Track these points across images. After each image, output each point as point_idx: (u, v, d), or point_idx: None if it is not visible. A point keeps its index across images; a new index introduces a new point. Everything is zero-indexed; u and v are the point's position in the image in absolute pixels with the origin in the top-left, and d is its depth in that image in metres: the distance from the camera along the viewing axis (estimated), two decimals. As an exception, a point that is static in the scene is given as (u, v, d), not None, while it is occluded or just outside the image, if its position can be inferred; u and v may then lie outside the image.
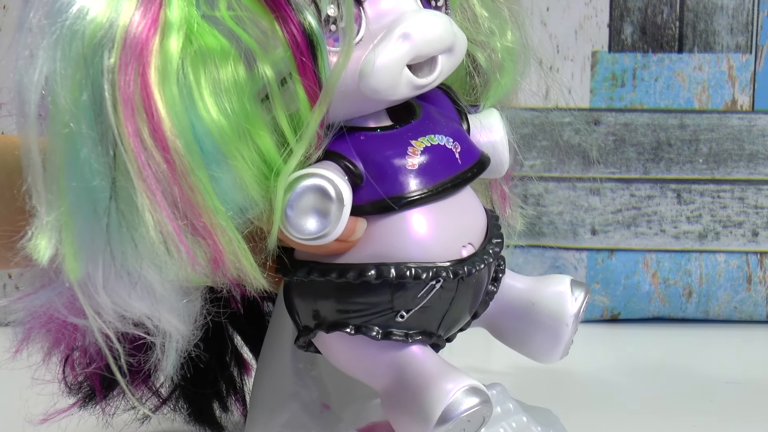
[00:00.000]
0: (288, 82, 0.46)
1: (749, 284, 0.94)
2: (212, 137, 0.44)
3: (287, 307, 0.52)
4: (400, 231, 0.49)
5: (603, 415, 0.75)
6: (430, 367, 0.50)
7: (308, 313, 0.51)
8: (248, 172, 0.45)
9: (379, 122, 0.51)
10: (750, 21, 0.91)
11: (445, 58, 0.49)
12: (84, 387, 0.62)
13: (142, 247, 0.44)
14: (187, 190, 0.44)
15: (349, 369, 0.52)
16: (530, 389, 0.59)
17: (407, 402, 0.49)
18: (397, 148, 0.50)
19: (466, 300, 0.52)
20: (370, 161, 0.49)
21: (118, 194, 0.44)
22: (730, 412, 0.77)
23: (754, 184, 0.93)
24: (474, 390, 0.48)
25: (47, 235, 0.44)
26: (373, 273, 0.49)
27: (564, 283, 0.56)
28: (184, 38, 0.44)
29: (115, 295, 0.46)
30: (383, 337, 0.50)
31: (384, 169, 0.49)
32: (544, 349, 0.56)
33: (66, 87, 0.43)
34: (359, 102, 0.48)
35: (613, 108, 0.93)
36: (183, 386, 0.64)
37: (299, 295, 0.51)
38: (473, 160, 0.52)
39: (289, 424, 0.55)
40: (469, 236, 0.52)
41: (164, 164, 0.43)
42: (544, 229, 0.94)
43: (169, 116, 0.43)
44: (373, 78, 0.47)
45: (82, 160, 0.43)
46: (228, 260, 0.46)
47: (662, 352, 0.89)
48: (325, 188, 0.47)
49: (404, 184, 0.49)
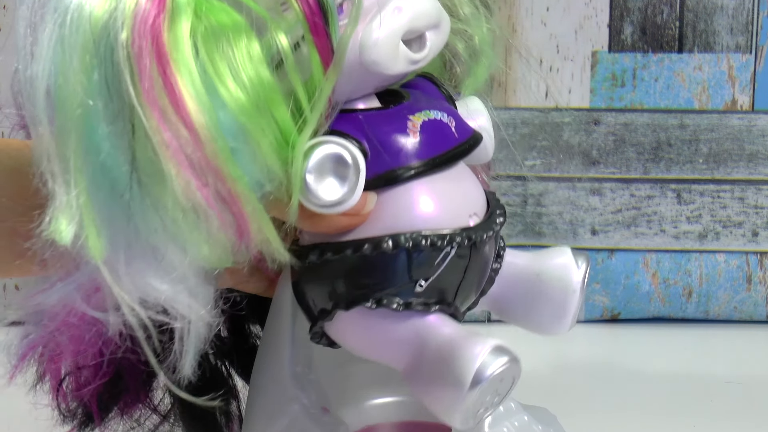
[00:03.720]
0: (301, 45, 0.47)
1: (749, 284, 0.94)
2: (231, 111, 0.44)
3: (297, 299, 0.52)
4: (409, 202, 0.50)
5: (603, 415, 0.75)
6: (453, 334, 0.50)
7: (324, 295, 0.51)
8: (266, 142, 0.46)
9: (371, 105, 0.52)
10: (750, 21, 0.91)
11: (433, 35, 0.50)
12: (79, 413, 0.61)
13: (168, 220, 0.44)
14: (211, 156, 0.44)
15: (368, 349, 0.52)
16: (530, 389, 0.59)
17: (435, 371, 0.49)
18: (396, 124, 0.51)
19: (478, 269, 0.53)
20: (372, 137, 0.50)
21: (138, 167, 0.44)
22: (730, 412, 0.77)
23: (754, 184, 0.93)
24: (501, 349, 0.48)
25: (67, 215, 0.43)
26: (390, 243, 0.49)
27: (566, 254, 0.57)
28: (194, 17, 0.44)
29: (138, 276, 0.45)
30: (404, 308, 0.50)
31: (387, 144, 0.50)
32: (552, 320, 0.57)
33: (75, 70, 0.43)
34: (360, 77, 0.49)
35: (613, 108, 0.93)
36: (184, 399, 0.63)
37: (312, 280, 0.52)
38: (468, 134, 0.53)
39: (289, 428, 0.54)
40: (474, 207, 0.52)
41: (187, 133, 0.43)
42: (544, 229, 0.94)
43: (188, 92, 0.43)
44: (373, 50, 0.48)
45: (99, 137, 0.43)
46: (253, 229, 0.46)
47: (662, 352, 0.89)
48: (342, 155, 0.48)
49: (408, 156, 0.50)
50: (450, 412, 0.49)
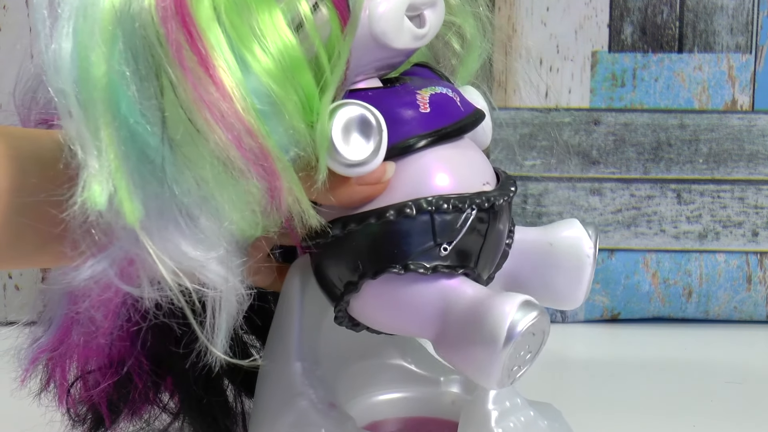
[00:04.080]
0: (319, 6, 0.48)
1: (749, 284, 0.94)
2: (257, 75, 0.45)
3: (320, 283, 0.53)
4: (426, 169, 0.51)
5: (603, 415, 0.75)
6: (480, 294, 0.51)
7: (350, 267, 0.52)
8: (291, 104, 0.46)
9: (376, 86, 0.53)
10: (750, 21, 0.91)
11: (431, 13, 0.52)
12: (89, 417, 0.61)
13: (201, 179, 0.45)
14: (243, 112, 0.45)
15: (395, 320, 0.53)
16: (530, 389, 0.59)
17: (467, 333, 0.50)
18: (406, 98, 0.52)
19: (496, 236, 0.53)
20: (384, 110, 0.51)
21: (169, 128, 0.44)
22: (730, 412, 0.77)
23: (754, 184, 0.93)
24: (529, 303, 0.49)
25: (100, 181, 0.44)
26: (413, 208, 0.50)
27: (576, 224, 0.58)
28: None
29: (170, 244, 0.46)
30: (432, 272, 0.51)
31: (399, 115, 0.51)
32: (566, 290, 0.57)
33: (98, 41, 0.44)
34: (369, 50, 0.50)
35: (613, 108, 0.93)
36: (194, 395, 0.63)
37: (336, 255, 0.52)
38: (472, 109, 0.55)
39: (297, 423, 0.55)
40: (485, 176, 0.53)
41: (215, 90, 0.44)
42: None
43: (216, 52, 0.44)
44: (381, 21, 0.49)
45: (127, 104, 0.44)
46: (284, 186, 0.47)
47: (662, 352, 0.89)
48: (366, 116, 0.49)
49: (420, 125, 0.52)
50: (486, 371, 0.49)
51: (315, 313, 0.57)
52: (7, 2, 0.91)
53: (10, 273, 0.95)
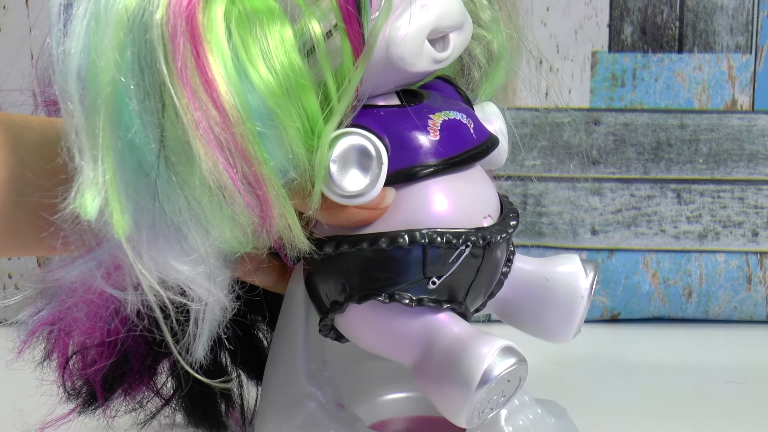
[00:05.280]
0: (333, 34, 0.47)
1: (749, 284, 0.94)
2: (260, 95, 0.45)
3: (309, 292, 0.53)
4: (426, 199, 0.51)
5: (603, 415, 0.75)
6: (463, 333, 0.51)
7: (337, 287, 0.52)
8: (293, 128, 0.46)
9: (391, 103, 0.52)
10: (750, 21, 0.91)
11: (456, 36, 0.51)
12: (83, 392, 0.61)
13: (193, 200, 0.45)
14: (239, 138, 0.44)
15: (377, 343, 0.53)
16: (530, 389, 0.59)
17: (444, 369, 0.50)
18: (417, 121, 0.51)
19: (490, 270, 0.53)
20: (393, 133, 0.50)
21: (167, 146, 0.44)
22: (730, 412, 0.77)
23: (754, 184, 0.93)
24: (509, 350, 0.49)
25: (93, 190, 0.44)
26: (406, 238, 0.50)
27: (574, 261, 0.58)
28: (228, 1, 0.45)
29: (159, 256, 0.46)
30: (417, 304, 0.50)
31: (407, 140, 0.51)
32: (557, 326, 0.57)
33: (107, 47, 0.43)
34: (384, 73, 0.50)
35: (613, 108, 0.93)
36: (188, 384, 0.63)
37: (326, 272, 0.52)
38: (486, 136, 0.54)
39: (306, 424, 0.55)
40: (488, 208, 0.53)
41: (217, 114, 0.44)
42: (544, 229, 0.94)
43: (220, 73, 0.44)
44: (400, 45, 0.49)
45: (129, 114, 0.44)
46: (275, 213, 0.47)
47: (662, 352, 0.89)
48: (366, 147, 0.49)
49: (428, 153, 0.51)
50: (456, 410, 0.49)
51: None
52: (7, 2, 0.91)
53: (10, 273, 0.95)
